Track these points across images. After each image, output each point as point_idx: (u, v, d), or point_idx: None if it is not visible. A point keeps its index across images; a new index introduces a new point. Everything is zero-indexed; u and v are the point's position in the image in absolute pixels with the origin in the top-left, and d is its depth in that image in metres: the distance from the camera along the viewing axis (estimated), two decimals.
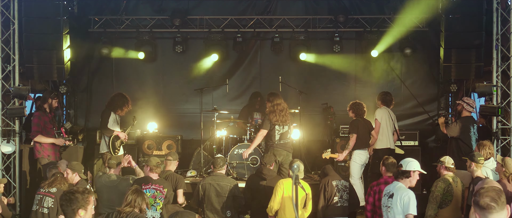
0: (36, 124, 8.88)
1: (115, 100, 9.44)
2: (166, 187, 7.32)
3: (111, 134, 9.17)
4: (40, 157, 8.90)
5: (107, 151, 9.25)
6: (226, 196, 7.48)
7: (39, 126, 8.88)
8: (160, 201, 7.22)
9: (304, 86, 11.64)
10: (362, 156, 9.15)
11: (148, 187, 7.21)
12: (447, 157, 7.33)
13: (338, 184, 7.53)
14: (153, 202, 7.18)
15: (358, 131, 9.10)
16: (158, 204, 7.23)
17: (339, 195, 7.52)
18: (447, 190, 7.10)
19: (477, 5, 9.48)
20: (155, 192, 7.23)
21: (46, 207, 7.18)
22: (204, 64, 11.97)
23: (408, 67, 12.03)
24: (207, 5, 11.85)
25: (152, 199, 7.18)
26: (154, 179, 7.33)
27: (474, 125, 8.90)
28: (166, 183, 7.40)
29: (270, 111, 8.77)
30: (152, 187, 7.24)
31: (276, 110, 8.73)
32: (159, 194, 7.23)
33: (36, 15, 9.44)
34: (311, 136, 11.54)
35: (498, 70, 9.07)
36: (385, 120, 9.61)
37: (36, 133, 8.83)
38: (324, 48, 11.92)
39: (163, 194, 7.24)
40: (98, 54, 11.71)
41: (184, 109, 12.18)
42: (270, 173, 7.62)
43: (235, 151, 9.84)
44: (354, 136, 9.08)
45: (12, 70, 9.14)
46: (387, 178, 7.41)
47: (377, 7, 11.79)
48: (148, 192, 7.17)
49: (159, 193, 7.24)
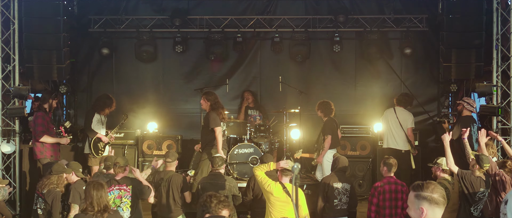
0: (40, 124, 8.85)
1: (98, 101, 9.57)
2: (130, 184, 7.17)
3: (94, 135, 9.26)
4: (42, 157, 8.87)
5: (89, 152, 9.33)
6: (224, 195, 7.47)
7: (44, 126, 8.87)
8: (127, 199, 7.13)
9: (304, 86, 11.63)
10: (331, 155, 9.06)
11: (112, 189, 7.13)
12: (443, 158, 7.32)
13: (339, 186, 7.49)
14: (119, 202, 7.11)
15: (332, 131, 9.15)
16: (126, 203, 7.14)
17: (339, 198, 7.50)
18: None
19: (477, 5, 9.48)
20: (119, 192, 7.13)
21: (40, 207, 7.19)
22: (204, 64, 11.97)
23: (408, 67, 12.04)
24: (207, 5, 11.85)
25: (118, 199, 7.11)
26: (117, 179, 7.20)
27: (473, 124, 8.91)
28: (129, 180, 7.24)
29: (216, 107, 8.77)
30: (116, 188, 7.14)
31: (219, 107, 8.78)
32: (124, 192, 7.14)
33: (36, 15, 9.43)
34: (311, 136, 11.52)
35: (498, 70, 9.07)
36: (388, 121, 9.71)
37: (42, 133, 8.81)
38: (324, 48, 11.93)
39: (128, 192, 7.14)
40: (98, 54, 11.72)
41: (184, 109, 12.18)
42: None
43: (235, 151, 9.83)
44: (329, 137, 9.12)
45: (12, 70, 9.13)
46: (389, 178, 7.42)
47: (377, 7, 11.79)
48: (113, 194, 7.08)
49: (123, 192, 7.14)
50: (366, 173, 10.70)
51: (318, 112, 9.46)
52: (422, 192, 3.63)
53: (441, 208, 3.60)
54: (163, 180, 7.55)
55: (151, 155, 10.76)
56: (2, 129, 9.13)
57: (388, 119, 10.02)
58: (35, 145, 8.93)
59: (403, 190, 7.41)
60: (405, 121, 9.91)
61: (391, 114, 9.98)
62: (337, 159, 7.73)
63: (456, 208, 7.18)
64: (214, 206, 4.67)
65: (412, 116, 10.10)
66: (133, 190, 7.15)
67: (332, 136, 9.16)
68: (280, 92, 11.25)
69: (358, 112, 11.86)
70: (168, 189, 7.49)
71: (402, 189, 7.41)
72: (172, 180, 7.52)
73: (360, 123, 11.25)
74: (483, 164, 6.79)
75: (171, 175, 7.61)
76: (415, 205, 3.64)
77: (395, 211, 7.37)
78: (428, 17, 11.42)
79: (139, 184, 7.19)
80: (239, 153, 9.80)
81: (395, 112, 9.97)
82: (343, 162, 7.64)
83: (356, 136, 10.98)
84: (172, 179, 7.53)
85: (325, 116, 9.33)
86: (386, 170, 7.45)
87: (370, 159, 10.82)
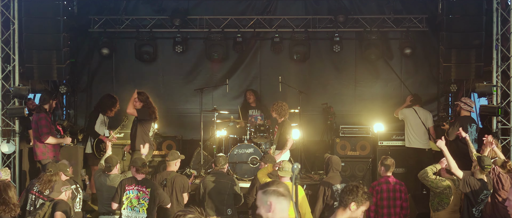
0: (45, 125, 8.79)
1: (103, 102, 9.57)
2: (150, 186, 7.20)
3: (96, 137, 9.31)
4: (44, 158, 8.82)
5: (91, 152, 9.36)
6: (226, 193, 7.48)
7: (48, 127, 8.85)
8: (145, 201, 7.15)
9: (304, 86, 11.63)
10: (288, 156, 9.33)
11: (132, 188, 7.15)
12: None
13: (339, 188, 7.45)
14: (136, 203, 7.12)
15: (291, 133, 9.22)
16: (143, 205, 7.16)
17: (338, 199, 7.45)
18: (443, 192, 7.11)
19: (477, 5, 9.48)
20: (138, 193, 7.15)
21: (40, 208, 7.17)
22: (204, 64, 11.98)
23: (408, 67, 12.04)
24: (207, 5, 11.85)
25: (135, 200, 7.12)
26: (138, 180, 7.24)
27: (472, 124, 8.91)
28: (149, 182, 7.28)
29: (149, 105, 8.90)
30: (135, 188, 7.17)
31: (151, 106, 8.93)
32: (142, 194, 7.15)
33: (36, 15, 9.43)
34: (311, 136, 11.54)
35: (498, 70, 9.07)
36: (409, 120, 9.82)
37: (47, 135, 8.76)
38: (324, 48, 11.93)
39: (146, 195, 7.16)
40: (98, 54, 11.72)
41: (184, 109, 12.18)
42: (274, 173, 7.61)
43: (235, 151, 9.84)
44: (292, 139, 9.17)
45: (12, 70, 9.13)
46: (386, 177, 7.42)
47: (377, 7, 11.79)
48: (131, 193, 7.12)
49: (142, 194, 7.16)
50: (366, 173, 10.69)
51: (273, 113, 9.48)
52: (268, 188, 3.92)
53: (287, 200, 3.93)
54: (167, 180, 7.54)
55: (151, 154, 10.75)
56: (2, 129, 9.13)
57: (409, 119, 10.04)
58: (37, 146, 8.87)
59: (401, 189, 7.41)
60: (426, 119, 10.05)
61: (412, 113, 10.00)
62: (330, 159, 7.55)
63: (456, 209, 7.19)
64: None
65: (431, 114, 10.33)
66: (151, 194, 7.17)
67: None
68: (280, 92, 11.24)
69: (358, 112, 11.86)
70: (172, 190, 7.50)
71: (401, 188, 7.41)
72: (175, 181, 7.52)
73: (360, 123, 11.24)
74: (485, 165, 6.79)
75: (174, 176, 7.61)
76: (263, 201, 3.89)
77: (394, 211, 7.37)
78: (428, 17, 11.42)
79: (158, 189, 7.24)
80: (239, 153, 9.81)
81: (416, 111, 10.01)
82: (337, 161, 7.49)
83: (356, 136, 10.97)
84: (175, 180, 7.54)
85: (281, 117, 9.32)
86: (384, 170, 7.46)
87: (370, 159, 10.82)
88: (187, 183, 7.70)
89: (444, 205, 7.13)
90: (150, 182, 7.31)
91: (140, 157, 7.76)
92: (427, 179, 7.18)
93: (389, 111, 11.01)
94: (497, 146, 7.61)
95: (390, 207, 7.33)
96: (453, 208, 7.16)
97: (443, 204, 7.14)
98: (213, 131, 10.53)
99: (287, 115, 9.42)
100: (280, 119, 9.34)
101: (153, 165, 10.73)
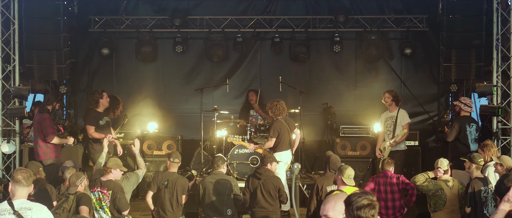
0: (50, 126, 8.76)
1: None
2: (111, 188, 7.01)
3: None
4: (46, 158, 8.80)
5: None
6: (225, 194, 7.47)
7: (53, 128, 8.85)
8: (106, 203, 7.01)
9: (304, 86, 11.64)
10: (284, 157, 8.82)
11: (94, 190, 7.05)
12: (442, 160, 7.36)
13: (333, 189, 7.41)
14: (99, 205, 7.01)
15: (278, 134, 8.79)
16: (105, 207, 7.02)
17: None
18: (436, 194, 7.15)
19: (477, 5, 9.48)
20: (100, 195, 7.03)
21: None
22: (204, 64, 11.98)
23: (408, 67, 12.04)
24: (207, 5, 11.85)
25: (98, 202, 7.00)
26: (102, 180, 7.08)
27: (470, 124, 8.89)
28: (112, 184, 7.07)
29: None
30: (98, 190, 7.04)
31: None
32: (103, 196, 7.01)
33: (36, 15, 9.43)
34: (311, 136, 11.54)
35: (498, 70, 9.06)
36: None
37: (53, 135, 8.73)
38: (324, 48, 11.93)
39: (107, 197, 7.01)
40: (98, 54, 11.72)
41: (184, 109, 12.18)
42: (266, 172, 7.59)
43: (235, 151, 9.84)
44: (272, 140, 8.78)
45: (12, 70, 9.12)
46: (385, 171, 7.54)
47: (377, 7, 11.80)
48: (94, 195, 6.99)
49: (103, 195, 7.02)
50: (366, 173, 10.69)
51: (269, 111, 9.08)
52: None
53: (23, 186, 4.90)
54: (169, 181, 7.52)
55: (151, 155, 10.78)
56: (2, 129, 9.12)
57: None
58: (39, 146, 8.81)
59: (398, 182, 7.49)
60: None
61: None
62: (328, 157, 7.39)
63: (454, 209, 7.21)
64: None
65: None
66: (111, 196, 6.99)
67: (278, 137, 8.79)
68: (280, 92, 11.25)
69: (358, 112, 11.86)
70: (173, 191, 7.48)
71: (397, 181, 7.48)
72: (177, 183, 7.52)
73: (360, 123, 11.25)
74: (478, 160, 6.92)
75: (176, 177, 7.60)
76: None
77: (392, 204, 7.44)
78: (428, 17, 11.42)
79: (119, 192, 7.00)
80: (239, 153, 9.81)
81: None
82: (335, 160, 7.25)
83: (356, 136, 10.97)
84: (177, 182, 7.54)
85: (275, 116, 8.94)
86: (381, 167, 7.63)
87: (370, 159, 10.82)
88: (187, 185, 7.70)
89: (440, 206, 7.19)
90: (113, 183, 7.06)
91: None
92: (418, 184, 7.25)
93: None
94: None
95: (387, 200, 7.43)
96: (451, 208, 7.19)
97: (439, 205, 7.19)
98: (213, 131, 10.54)
99: (284, 114, 8.96)
100: (275, 117, 9.09)
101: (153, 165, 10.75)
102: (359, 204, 3.44)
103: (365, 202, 3.44)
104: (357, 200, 3.46)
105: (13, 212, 4.95)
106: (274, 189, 7.49)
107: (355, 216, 3.44)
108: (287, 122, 8.97)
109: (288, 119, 9.22)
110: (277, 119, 8.90)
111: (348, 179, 6.56)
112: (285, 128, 8.86)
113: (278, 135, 8.78)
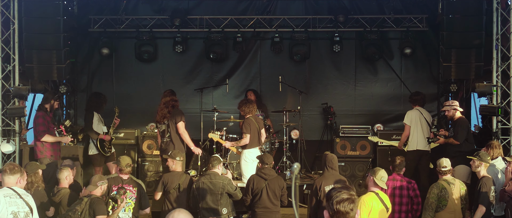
0: (41, 123, 8.86)
1: (93, 101, 9.65)
2: (136, 186, 7.16)
3: (96, 136, 9.34)
4: (42, 157, 8.86)
5: (98, 152, 9.37)
6: (219, 193, 7.45)
7: (45, 126, 8.89)
8: (131, 200, 7.13)
9: (304, 86, 11.65)
10: (253, 154, 9.00)
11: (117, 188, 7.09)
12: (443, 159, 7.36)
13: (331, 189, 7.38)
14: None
15: (250, 130, 9.03)
16: (129, 204, 7.14)
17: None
18: (440, 195, 7.16)
19: (477, 5, 9.47)
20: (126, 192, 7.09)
21: None
22: (204, 64, 11.97)
23: (408, 67, 12.04)
24: (207, 5, 11.84)
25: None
26: (124, 179, 7.21)
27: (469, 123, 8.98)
28: (135, 182, 7.23)
29: None
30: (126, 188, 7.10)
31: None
32: (129, 194, 7.13)
33: (36, 15, 9.42)
34: (311, 135, 11.54)
35: (498, 70, 9.06)
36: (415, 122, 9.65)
37: (43, 133, 8.81)
38: (324, 48, 11.93)
39: (133, 194, 7.12)
40: (98, 54, 11.72)
41: (184, 109, 11.96)
42: (271, 173, 7.61)
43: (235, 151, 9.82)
44: (247, 136, 9.01)
45: (12, 70, 9.13)
46: (395, 175, 7.52)
47: (377, 7, 11.79)
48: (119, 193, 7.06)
49: (129, 193, 7.13)
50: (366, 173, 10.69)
51: (240, 110, 9.39)
52: None
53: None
54: (180, 185, 7.54)
55: (151, 155, 10.78)
56: (2, 129, 9.12)
57: (417, 121, 9.85)
58: (36, 145, 8.95)
59: (409, 187, 7.47)
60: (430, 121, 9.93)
61: (418, 115, 9.86)
62: (324, 156, 7.38)
63: (456, 209, 7.22)
64: None
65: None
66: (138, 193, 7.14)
67: (251, 135, 9.05)
68: (280, 92, 11.25)
69: (358, 112, 11.87)
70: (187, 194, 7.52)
71: (408, 186, 7.47)
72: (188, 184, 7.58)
73: (360, 123, 11.25)
74: (487, 158, 6.96)
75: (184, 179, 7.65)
76: None
77: (399, 208, 7.42)
78: (428, 17, 11.42)
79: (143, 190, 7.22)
80: None
81: (422, 113, 9.88)
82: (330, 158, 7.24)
83: (356, 136, 10.98)
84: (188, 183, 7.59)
85: (245, 114, 9.21)
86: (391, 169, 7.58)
87: (370, 159, 10.83)
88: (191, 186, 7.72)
89: (442, 206, 7.19)
90: (135, 182, 7.26)
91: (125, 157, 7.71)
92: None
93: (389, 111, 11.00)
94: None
95: (394, 204, 7.35)
96: (453, 208, 7.20)
97: (442, 205, 7.19)
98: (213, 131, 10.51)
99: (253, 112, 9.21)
100: (245, 116, 9.22)
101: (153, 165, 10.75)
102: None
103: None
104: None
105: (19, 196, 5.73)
106: (279, 189, 7.50)
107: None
108: (256, 121, 9.19)
109: (257, 118, 9.44)
110: (247, 117, 9.15)
111: (381, 180, 6.58)
112: (255, 126, 9.11)
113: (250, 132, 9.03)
